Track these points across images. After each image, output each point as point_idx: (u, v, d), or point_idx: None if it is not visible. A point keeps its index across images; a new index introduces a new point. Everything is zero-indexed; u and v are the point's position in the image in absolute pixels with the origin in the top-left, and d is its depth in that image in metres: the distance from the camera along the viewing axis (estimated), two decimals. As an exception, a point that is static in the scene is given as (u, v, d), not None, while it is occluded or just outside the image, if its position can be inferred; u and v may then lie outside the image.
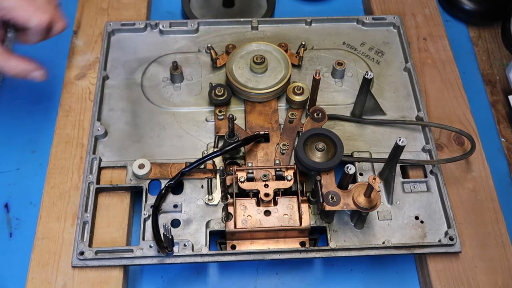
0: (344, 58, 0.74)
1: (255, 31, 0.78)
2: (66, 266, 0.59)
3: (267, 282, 0.63)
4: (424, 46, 0.79)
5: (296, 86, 0.68)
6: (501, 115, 0.77)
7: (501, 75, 0.81)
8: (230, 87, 0.69)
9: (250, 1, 0.87)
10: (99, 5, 0.82)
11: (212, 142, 0.67)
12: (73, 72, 0.74)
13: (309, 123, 0.62)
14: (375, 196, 0.55)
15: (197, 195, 0.63)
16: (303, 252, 0.58)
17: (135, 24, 0.77)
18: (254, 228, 0.58)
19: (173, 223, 0.61)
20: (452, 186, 0.66)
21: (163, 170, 0.64)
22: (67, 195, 0.64)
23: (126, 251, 0.59)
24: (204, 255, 0.58)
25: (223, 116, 0.68)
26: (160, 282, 0.63)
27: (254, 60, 0.69)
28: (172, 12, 0.87)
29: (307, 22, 0.79)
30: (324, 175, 0.58)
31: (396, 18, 0.79)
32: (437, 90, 0.74)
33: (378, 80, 0.74)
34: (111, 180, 0.65)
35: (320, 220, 0.61)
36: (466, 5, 0.85)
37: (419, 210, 0.62)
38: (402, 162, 0.64)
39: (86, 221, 0.60)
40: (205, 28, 0.78)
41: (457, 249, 0.60)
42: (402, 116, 0.70)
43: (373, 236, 0.60)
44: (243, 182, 0.60)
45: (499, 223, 0.64)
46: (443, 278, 0.60)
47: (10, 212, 0.66)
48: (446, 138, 0.70)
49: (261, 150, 0.65)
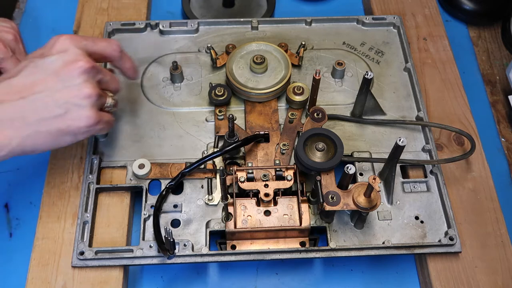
0: (344, 58, 0.74)
1: (255, 31, 0.78)
2: (66, 266, 0.59)
3: (267, 282, 0.63)
4: (424, 46, 0.79)
5: (296, 86, 0.68)
6: (501, 115, 0.77)
7: (501, 75, 0.81)
8: (230, 87, 0.69)
9: (250, 1, 0.87)
10: (99, 5, 0.82)
11: (212, 142, 0.67)
12: (73, 72, 0.74)
13: (309, 123, 0.62)
14: (375, 196, 0.55)
15: (197, 195, 0.63)
16: (303, 252, 0.58)
17: (135, 24, 0.77)
18: (254, 228, 0.58)
19: (173, 223, 0.61)
20: (452, 186, 0.66)
21: (163, 170, 0.64)
22: (67, 195, 0.64)
23: (126, 251, 0.58)
24: (204, 255, 0.58)
25: (223, 116, 0.68)
26: (160, 282, 0.63)
27: (254, 60, 0.69)
28: (172, 12, 0.87)
29: (307, 22, 0.79)
30: (324, 175, 0.58)
31: (396, 18, 0.79)
32: (437, 90, 0.74)
33: (378, 80, 0.74)
34: (111, 180, 0.65)
35: (320, 220, 0.61)
36: (466, 5, 0.85)
37: (419, 210, 0.62)
38: (402, 162, 0.64)
39: (86, 221, 0.60)
40: (205, 28, 0.78)
41: (457, 249, 0.60)
42: (402, 116, 0.70)
43: (373, 236, 0.60)
44: (243, 182, 0.60)
45: (499, 223, 0.64)
46: (443, 278, 0.60)
47: (10, 212, 0.66)
48: (446, 138, 0.70)
49: (261, 150, 0.65)
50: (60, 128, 0.52)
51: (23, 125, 0.50)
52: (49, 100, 0.51)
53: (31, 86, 0.51)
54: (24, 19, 0.84)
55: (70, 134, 0.53)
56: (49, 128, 0.51)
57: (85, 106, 0.52)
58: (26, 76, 0.52)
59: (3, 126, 0.50)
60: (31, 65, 0.52)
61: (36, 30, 0.82)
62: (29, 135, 0.51)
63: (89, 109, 0.53)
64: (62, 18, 0.83)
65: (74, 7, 0.82)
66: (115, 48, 0.59)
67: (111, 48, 0.59)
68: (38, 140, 0.51)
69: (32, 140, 0.51)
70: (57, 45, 0.54)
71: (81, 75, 0.52)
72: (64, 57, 0.52)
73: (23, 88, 0.51)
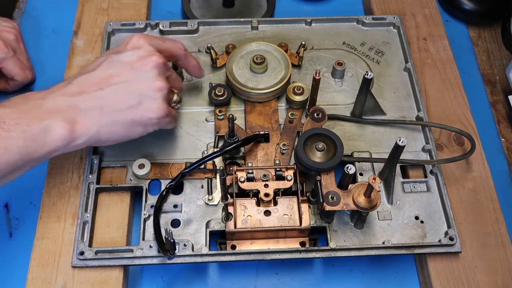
0: (344, 58, 0.74)
1: (255, 31, 0.78)
2: (66, 266, 0.59)
3: (267, 282, 0.63)
4: (424, 46, 0.79)
5: (296, 86, 0.68)
6: (501, 115, 0.77)
7: (501, 75, 0.81)
8: (230, 87, 0.69)
9: (250, 1, 0.87)
10: (99, 5, 0.82)
11: (212, 142, 0.67)
12: (73, 72, 0.74)
13: (309, 123, 0.62)
14: (375, 196, 0.55)
15: (197, 195, 0.63)
16: (303, 252, 0.58)
17: (135, 24, 0.77)
18: (254, 228, 0.58)
19: (173, 223, 0.61)
20: (452, 186, 0.66)
21: (163, 170, 0.64)
22: (67, 195, 0.64)
23: (126, 251, 0.59)
24: (204, 255, 0.58)
25: (223, 116, 0.68)
26: (160, 282, 0.63)
27: (254, 60, 0.69)
28: (172, 12, 0.87)
29: (307, 22, 0.79)
30: (324, 175, 0.58)
31: (396, 18, 0.79)
32: (437, 90, 0.74)
33: (378, 80, 0.74)
34: (111, 180, 0.65)
35: (320, 220, 0.61)
36: (466, 5, 0.85)
37: (419, 210, 0.62)
38: (402, 162, 0.64)
39: (86, 221, 0.60)
40: (205, 28, 0.78)
41: (457, 249, 0.60)
42: (402, 116, 0.70)
43: (373, 236, 0.60)
44: (243, 182, 0.60)
45: (499, 223, 0.64)
46: (443, 278, 0.60)
47: (10, 212, 0.66)
48: (446, 138, 0.70)
49: (261, 150, 0.65)
50: (134, 118, 0.55)
51: (101, 115, 0.53)
52: (125, 91, 0.54)
53: (108, 79, 0.54)
54: (24, 19, 0.84)
55: (141, 125, 0.56)
56: (124, 118, 0.54)
57: (157, 98, 0.55)
58: (103, 70, 0.55)
59: (82, 116, 0.52)
60: (108, 60, 0.56)
61: (36, 30, 0.82)
62: (106, 124, 0.54)
63: (161, 101, 0.56)
64: (62, 18, 0.83)
65: (74, 7, 0.82)
66: (180, 47, 0.63)
67: (177, 46, 0.62)
68: (113, 130, 0.54)
69: (108, 129, 0.54)
70: (132, 42, 0.58)
71: (153, 69, 0.56)
72: (138, 53, 0.56)
73: (101, 81, 0.54)
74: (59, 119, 0.51)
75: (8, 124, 0.49)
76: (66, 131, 0.51)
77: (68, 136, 0.51)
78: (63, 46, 0.78)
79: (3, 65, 0.69)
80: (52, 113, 0.51)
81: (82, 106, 0.53)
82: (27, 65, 0.73)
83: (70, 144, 0.52)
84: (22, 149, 0.49)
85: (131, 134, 0.56)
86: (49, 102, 0.52)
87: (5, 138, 0.48)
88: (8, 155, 0.48)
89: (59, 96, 0.53)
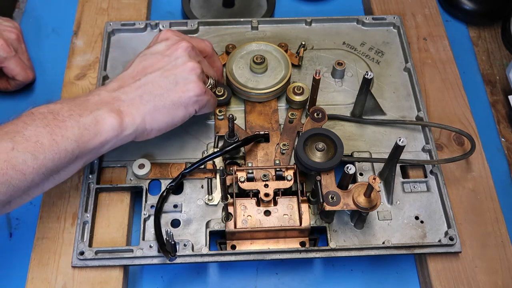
0: (344, 58, 0.74)
1: (255, 31, 0.78)
2: (66, 266, 0.59)
3: (267, 282, 0.63)
4: (424, 46, 0.79)
5: (296, 86, 0.68)
6: (501, 115, 0.77)
7: (501, 75, 0.81)
8: (230, 87, 0.69)
9: (250, 1, 0.87)
10: (99, 5, 0.82)
11: (212, 142, 0.67)
12: (73, 72, 0.74)
13: (309, 123, 0.62)
14: (375, 196, 0.55)
15: (197, 195, 0.63)
16: (303, 252, 0.58)
17: (135, 24, 0.77)
18: (254, 228, 0.58)
19: (173, 223, 0.61)
20: (452, 186, 0.66)
21: (163, 170, 0.64)
22: (67, 195, 0.64)
23: (126, 251, 0.59)
24: (204, 255, 0.58)
25: (223, 116, 0.68)
26: (160, 282, 0.63)
27: (254, 60, 0.69)
28: (172, 12, 0.87)
29: (307, 22, 0.79)
30: (324, 175, 0.58)
31: (396, 18, 0.79)
32: (437, 90, 0.74)
33: (378, 80, 0.74)
34: (111, 180, 0.65)
35: (320, 220, 0.61)
36: (466, 5, 0.85)
37: (419, 210, 0.62)
38: (402, 162, 0.64)
39: (86, 221, 0.60)
40: (205, 28, 0.78)
41: (457, 249, 0.60)
42: (402, 116, 0.70)
43: (373, 236, 0.60)
44: (243, 182, 0.60)
45: (499, 223, 0.64)
46: (443, 278, 0.60)
47: (10, 212, 0.66)
48: (446, 138, 0.70)
49: (261, 150, 0.65)
50: (173, 100, 0.57)
51: (142, 103, 0.56)
52: (160, 77, 0.57)
53: (143, 70, 0.58)
54: (24, 19, 0.84)
55: (182, 106, 0.58)
56: (164, 102, 0.57)
57: (191, 78, 0.58)
58: (138, 63, 0.59)
59: (126, 106, 0.55)
60: (140, 55, 0.60)
61: (36, 30, 0.82)
62: (148, 111, 0.56)
63: (196, 79, 0.58)
64: (62, 18, 0.83)
65: (74, 7, 0.82)
66: (208, 44, 0.65)
67: (204, 43, 0.65)
68: (155, 116, 0.57)
69: (151, 115, 0.56)
70: (160, 36, 0.62)
71: (184, 52, 0.59)
72: (167, 43, 0.60)
73: (137, 73, 0.58)
74: (106, 109, 0.54)
75: (62, 116, 0.52)
76: (115, 120, 0.54)
77: (118, 126, 0.54)
78: (63, 46, 0.78)
79: (5, 65, 0.69)
80: (100, 105, 0.54)
81: (123, 97, 0.56)
82: (28, 64, 0.73)
83: (120, 135, 0.55)
84: (78, 137, 0.52)
85: (174, 118, 0.58)
86: (94, 97, 0.55)
87: (62, 127, 0.51)
88: (66, 143, 0.51)
89: (102, 91, 0.56)
